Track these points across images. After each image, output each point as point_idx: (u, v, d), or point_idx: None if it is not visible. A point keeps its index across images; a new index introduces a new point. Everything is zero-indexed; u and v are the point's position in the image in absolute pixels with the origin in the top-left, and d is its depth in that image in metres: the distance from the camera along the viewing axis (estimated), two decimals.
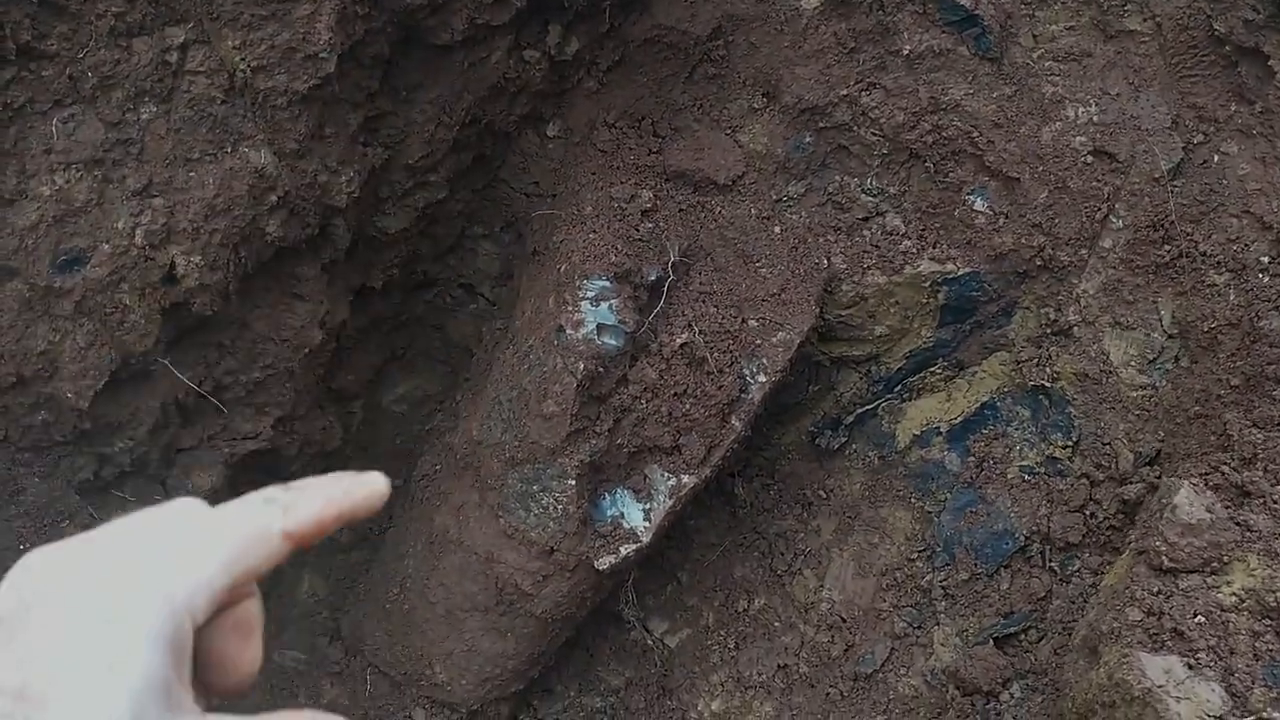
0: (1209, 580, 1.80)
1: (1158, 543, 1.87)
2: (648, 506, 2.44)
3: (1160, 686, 1.68)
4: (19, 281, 1.83)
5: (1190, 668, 1.69)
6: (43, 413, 1.94)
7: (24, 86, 1.77)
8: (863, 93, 2.53)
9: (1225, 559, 1.81)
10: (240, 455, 2.31)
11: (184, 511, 0.54)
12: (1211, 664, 1.68)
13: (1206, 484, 1.94)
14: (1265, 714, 1.59)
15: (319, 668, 2.76)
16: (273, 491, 0.55)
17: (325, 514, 0.55)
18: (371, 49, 2.14)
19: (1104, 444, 2.51)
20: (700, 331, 2.42)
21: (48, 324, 1.87)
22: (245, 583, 0.54)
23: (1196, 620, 1.75)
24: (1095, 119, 2.42)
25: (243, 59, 1.93)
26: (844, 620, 2.75)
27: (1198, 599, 1.78)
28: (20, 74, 1.76)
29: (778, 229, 2.60)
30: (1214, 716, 1.61)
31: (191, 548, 0.52)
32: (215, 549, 0.52)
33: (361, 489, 0.56)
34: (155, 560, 0.50)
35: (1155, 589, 1.83)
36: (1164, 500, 1.95)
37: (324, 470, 2.81)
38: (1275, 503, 1.89)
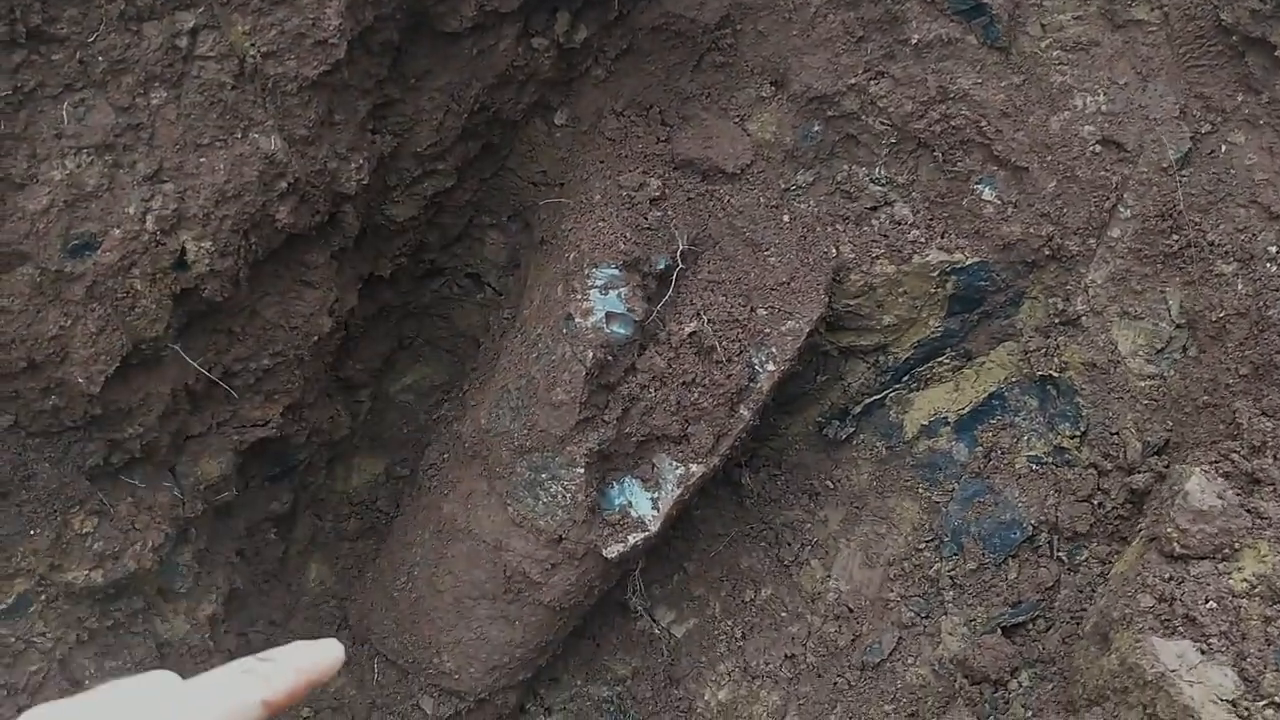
0: (1220, 566, 1.80)
1: (1169, 529, 1.87)
2: (656, 495, 2.44)
3: (1173, 671, 1.68)
4: (30, 266, 1.82)
5: (1203, 653, 1.69)
6: (53, 398, 1.94)
7: (34, 70, 1.77)
8: (871, 82, 2.53)
9: (1236, 545, 1.82)
10: (249, 442, 2.31)
11: (163, 687, 0.57)
12: (1224, 649, 1.69)
13: (1217, 471, 1.95)
14: (1279, 698, 1.59)
15: None
16: (249, 663, 0.60)
17: (299, 684, 0.61)
18: (381, 35, 2.14)
19: (1112, 434, 2.51)
20: (709, 320, 2.42)
21: (59, 309, 1.87)
22: None
23: (1208, 606, 1.75)
24: (1103, 108, 2.43)
25: (253, 44, 1.93)
26: (851, 610, 2.75)
27: (1209, 585, 1.78)
28: (30, 58, 1.76)
29: (786, 218, 2.59)
30: (1227, 700, 1.62)
31: None
32: None
33: (325, 659, 0.63)
34: None
35: (1167, 575, 1.83)
36: (1175, 487, 1.96)
37: (332, 459, 2.79)
38: None
